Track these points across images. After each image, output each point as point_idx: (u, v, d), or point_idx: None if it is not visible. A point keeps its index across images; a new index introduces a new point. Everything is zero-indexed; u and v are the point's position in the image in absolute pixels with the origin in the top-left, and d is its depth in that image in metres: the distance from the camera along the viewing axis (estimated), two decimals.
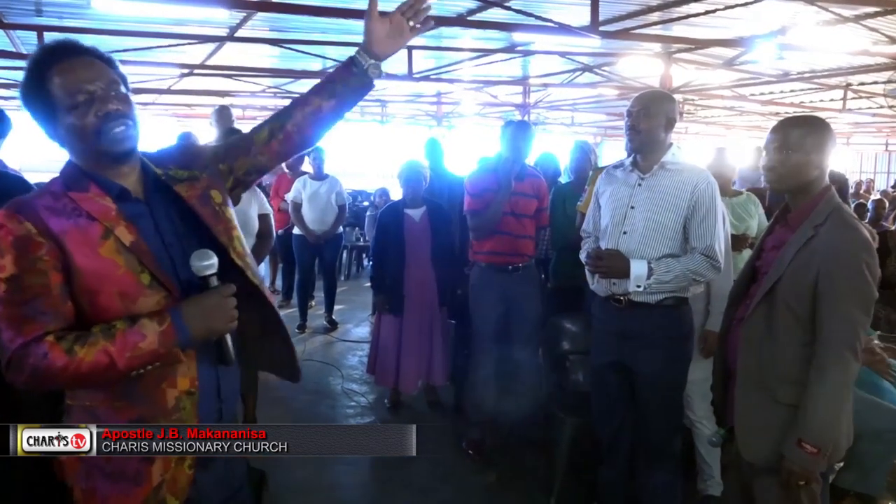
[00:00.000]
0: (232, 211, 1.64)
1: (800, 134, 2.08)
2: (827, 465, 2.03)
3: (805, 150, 2.06)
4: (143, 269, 1.45)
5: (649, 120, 2.66)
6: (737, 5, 6.32)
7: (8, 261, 1.36)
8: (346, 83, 1.67)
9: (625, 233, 2.72)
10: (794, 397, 1.98)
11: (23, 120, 2.41)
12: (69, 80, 1.42)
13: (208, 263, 1.46)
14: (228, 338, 1.52)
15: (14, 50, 8.82)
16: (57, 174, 1.52)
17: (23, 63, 9.65)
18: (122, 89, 1.48)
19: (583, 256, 2.89)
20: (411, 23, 1.69)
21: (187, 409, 1.50)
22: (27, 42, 8.52)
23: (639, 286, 2.63)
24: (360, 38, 1.71)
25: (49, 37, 7.59)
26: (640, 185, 2.73)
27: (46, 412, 1.72)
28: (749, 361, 2.09)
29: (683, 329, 2.77)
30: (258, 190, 4.17)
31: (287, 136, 1.68)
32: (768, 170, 2.14)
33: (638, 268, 2.62)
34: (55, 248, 1.39)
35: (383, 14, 1.68)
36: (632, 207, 2.72)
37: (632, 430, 2.91)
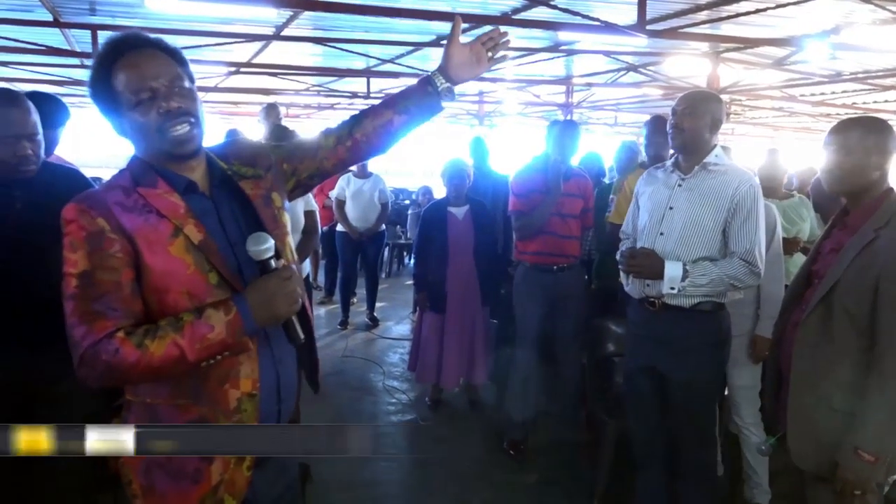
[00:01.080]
0: (287, 217, 1.64)
1: (860, 135, 2.03)
2: (885, 476, 1.97)
3: (865, 151, 2.01)
4: (212, 268, 1.45)
5: (694, 119, 2.61)
6: (788, 4, 6.16)
7: (80, 256, 1.37)
8: (420, 102, 1.70)
9: (662, 234, 2.67)
10: (851, 404, 1.92)
11: (78, 116, 2.47)
12: (132, 77, 1.41)
13: (266, 247, 1.43)
14: (294, 318, 1.50)
15: (69, 48, 9.07)
16: (112, 169, 1.53)
17: (76, 61, 9.87)
18: (186, 84, 1.47)
19: (618, 256, 2.85)
20: (490, 53, 1.71)
21: (248, 410, 1.50)
22: (81, 40, 8.73)
23: (672, 288, 2.56)
24: (402, 37, 1.73)
25: (103, 35, 7.78)
26: (680, 185, 2.69)
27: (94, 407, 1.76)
28: (804, 367, 2.04)
29: (719, 335, 2.70)
30: None
31: (355, 144, 1.69)
32: (827, 172, 2.09)
33: (672, 269, 2.56)
34: (127, 245, 1.39)
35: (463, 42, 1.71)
36: (670, 208, 2.67)
37: (668, 435, 2.85)
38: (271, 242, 1.44)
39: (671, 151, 3.88)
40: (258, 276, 1.45)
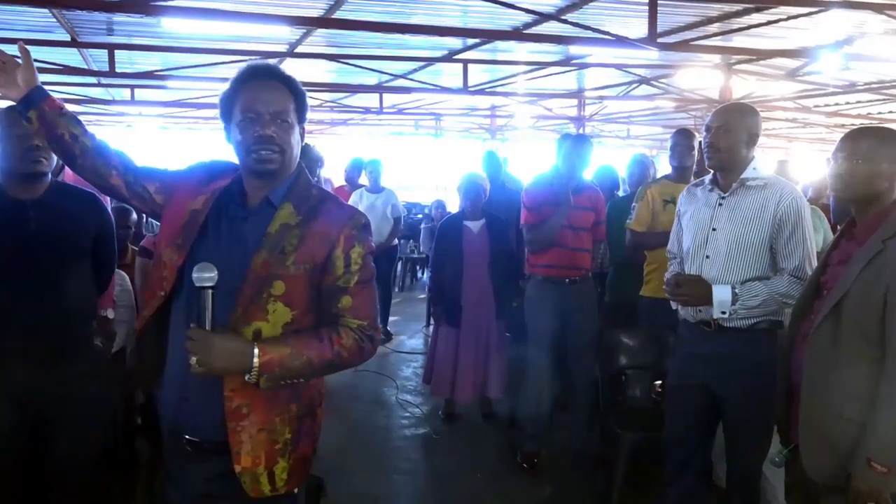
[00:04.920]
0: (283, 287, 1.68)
1: (871, 144, 2.04)
2: None
3: (876, 160, 2.02)
4: (180, 233, 1.70)
5: (730, 136, 2.55)
6: (800, 15, 6.16)
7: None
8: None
9: (708, 256, 2.62)
10: (862, 414, 1.91)
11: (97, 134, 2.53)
12: (247, 99, 1.67)
13: (209, 276, 1.56)
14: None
15: (87, 67, 9.21)
16: None
17: (94, 79, 9.99)
18: (290, 119, 1.71)
19: (664, 286, 2.80)
20: None
21: None
22: (98, 60, 8.86)
23: (723, 312, 2.51)
24: (414, 53, 1.84)
25: (120, 55, 7.91)
26: (720, 204, 2.63)
27: None
28: (814, 378, 2.04)
29: (778, 353, 2.56)
30: None
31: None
32: (836, 178, 2.09)
33: (721, 294, 2.50)
34: (176, 182, 1.83)
35: None
36: (713, 229, 2.62)
37: (704, 452, 2.84)
38: (213, 273, 1.56)
39: (693, 160, 3.89)
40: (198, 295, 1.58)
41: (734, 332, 2.58)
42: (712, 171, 2.71)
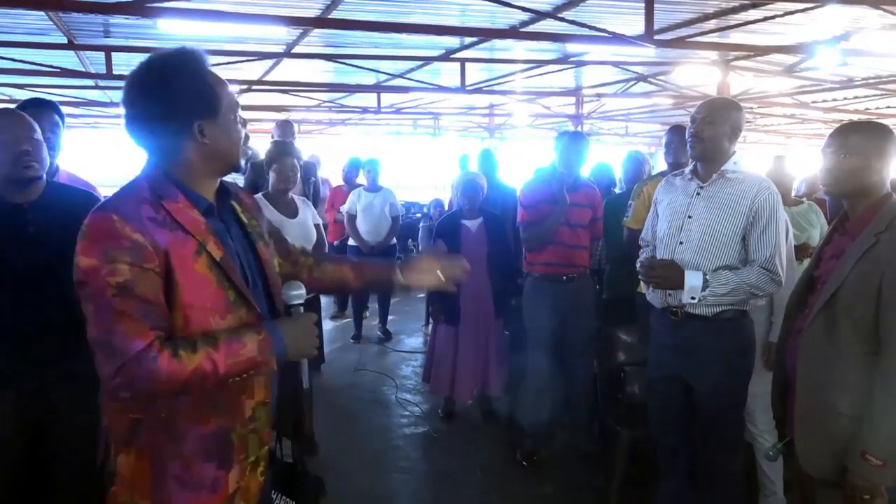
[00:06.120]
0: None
1: (859, 138, 2.05)
2: (894, 479, 1.96)
3: (864, 154, 2.03)
4: (230, 285, 1.49)
5: (713, 128, 2.60)
6: (796, 11, 6.17)
7: (121, 267, 1.37)
8: (378, 283, 2.01)
9: (681, 243, 2.67)
10: (857, 408, 1.92)
11: (93, 136, 2.52)
12: (231, 97, 1.54)
13: (298, 293, 1.61)
14: (305, 364, 1.66)
15: (83, 70, 9.21)
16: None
17: (91, 82, 9.97)
18: None
19: (637, 266, 2.85)
20: (443, 278, 1.93)
21: (262, 418, 1.58)
22: (95, 62, 8.87)
23: (693, 298, 2.55)
24: (412, 52, 1.83)
25: (117, 57, 7.91)
26: (698, 193, 2.68)
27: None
28: (809, 372, 2.05)
29: (743, 343, 2.69)
30: (308, 201, 4.28)
31: (309, 277, 1.89)
32: (825, 173, 2.11)
33: (692, 279, 2.55)
34: (163, 260, 1.41)
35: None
36: (689, 217, 2.67)
37: (691, 444, 2.85)
38: (303, 290, 1.63)
39: (688, 157, 3.89)
40: (282, 311, 1.60)
41: (699, 320, 2.63)
42: (693, 162, 2.75)
